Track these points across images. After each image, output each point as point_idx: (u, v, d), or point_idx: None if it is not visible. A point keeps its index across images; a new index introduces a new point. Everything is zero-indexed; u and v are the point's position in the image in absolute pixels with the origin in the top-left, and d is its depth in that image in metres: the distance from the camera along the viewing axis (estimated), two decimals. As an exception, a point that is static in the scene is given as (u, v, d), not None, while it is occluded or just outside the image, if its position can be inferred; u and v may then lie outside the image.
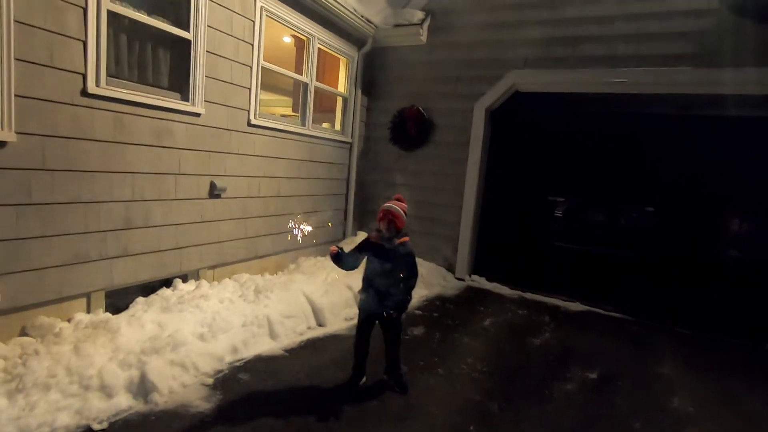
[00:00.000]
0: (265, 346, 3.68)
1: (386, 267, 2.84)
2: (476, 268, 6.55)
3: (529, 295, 5.93)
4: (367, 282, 2.96)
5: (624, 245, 10.20)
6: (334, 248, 2.85)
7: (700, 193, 9.63)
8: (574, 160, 10.15)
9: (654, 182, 9.96)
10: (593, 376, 3.67)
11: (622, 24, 5.30)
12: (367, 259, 2.95)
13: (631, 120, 8.63)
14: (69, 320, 3.26)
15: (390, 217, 2.83)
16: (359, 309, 3.10)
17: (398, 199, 2.95)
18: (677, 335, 4.88)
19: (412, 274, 2.93)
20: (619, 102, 7.28)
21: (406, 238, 2.90)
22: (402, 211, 2.88)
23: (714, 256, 9.44)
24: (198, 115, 4.09)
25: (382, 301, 2.90)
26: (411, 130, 6.58)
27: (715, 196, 9.63)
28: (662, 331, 4.96)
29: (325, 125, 6.64)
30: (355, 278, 5.06)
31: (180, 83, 3.97)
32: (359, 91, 6.60)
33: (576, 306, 5.63)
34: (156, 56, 3.78)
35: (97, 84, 3.22)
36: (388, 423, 2.77)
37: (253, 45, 4.59)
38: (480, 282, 6.30)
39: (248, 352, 3.52)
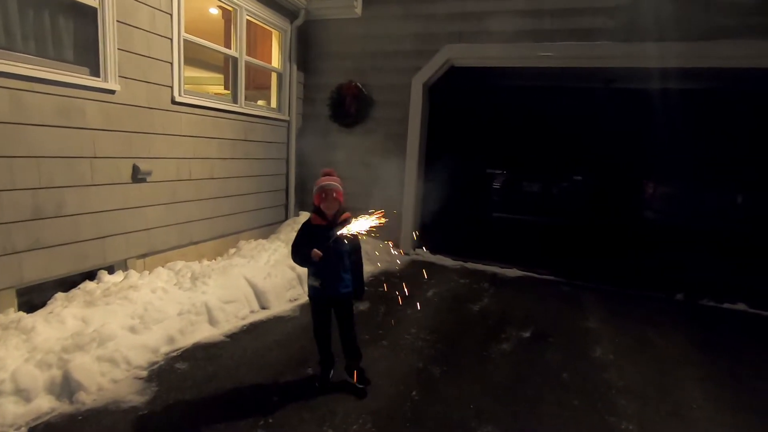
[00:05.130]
0: (204, 333, 3.56)
1: (340, 249, 2.69)
2: (420, 242, 6.68)
3: (470, 265, 6.16)
4: (320, 268, 2.68)
5: (556, 213, 10.90)
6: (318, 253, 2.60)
7: (622, 161, 10.43)
8: (510, 134, 10.57)
9: (581, 153, 10.64)
10: (527, 334, 3.92)
11: (549, -2, 5.47)
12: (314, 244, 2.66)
13: (561, 94, 9.08)
14: (-27, 323, 2.94)
15: (333, 195, 2.68)
16: (312, 298, 2.85)
17: (329, 174, 2.76)
18: (602, 292, 5.31)
19: (359, 251, 2.86)
20: (549, 77, 7.61)
21: (348, 214, 2.76)
22: (340, 185, 2.73)
23: (634, 219, 10.34)
24: (112, 92, 3.74)
25: (340, 284, 2.74)
26: (350, 107, 6.48)
27: (635, 164, 10.48)
28: (589, 289, 5.37)
29: (260, 103, 6.36)
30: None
31: (88, 57, 3.59)
32: (294, 67, 6.36)
33: (513, 272, 5.94)
34: (56, 26, 3.38)
35: (-17, 56, 2.84)
36: (333, 397, 2.78)
37: (171, 15, 4.24)
38: (424, 255, 6.45)
39: (186, 341, 3.39)
